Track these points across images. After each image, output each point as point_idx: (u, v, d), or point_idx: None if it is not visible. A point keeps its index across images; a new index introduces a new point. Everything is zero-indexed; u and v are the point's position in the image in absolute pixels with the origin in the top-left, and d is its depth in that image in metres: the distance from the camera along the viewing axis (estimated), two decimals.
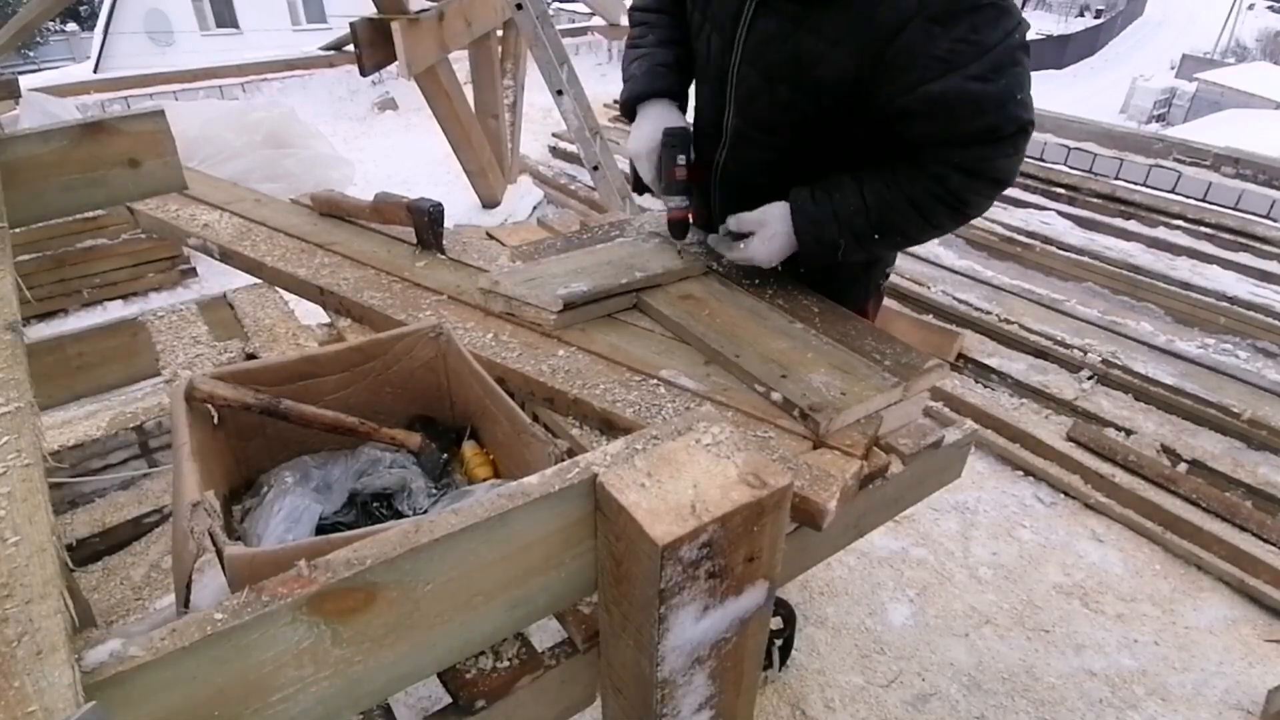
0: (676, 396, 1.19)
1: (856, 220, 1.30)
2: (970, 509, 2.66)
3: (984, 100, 1.16)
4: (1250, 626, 2.27)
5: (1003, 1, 1.14)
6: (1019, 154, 1.25)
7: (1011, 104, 1.18)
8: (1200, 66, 25.75)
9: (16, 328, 0.91)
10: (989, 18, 1.13)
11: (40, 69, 13.91)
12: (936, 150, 1.24)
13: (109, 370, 1.83)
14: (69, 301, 3.85)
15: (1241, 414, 2.81)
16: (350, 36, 4.12)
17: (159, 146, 1.47)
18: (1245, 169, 4.68)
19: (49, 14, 6.20)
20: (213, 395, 1.01)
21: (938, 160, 1.24)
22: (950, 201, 1.26)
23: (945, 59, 1.14)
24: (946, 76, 1.15)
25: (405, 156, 6.06)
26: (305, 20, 18.05)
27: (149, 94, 5.96)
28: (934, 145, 1.24)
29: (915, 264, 3.95)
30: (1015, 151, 1.24)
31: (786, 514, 0.83)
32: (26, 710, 0.52)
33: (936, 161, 1.24)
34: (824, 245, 1.34)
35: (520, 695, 0.92)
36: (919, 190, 1.26)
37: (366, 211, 1.68)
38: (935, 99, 1.17)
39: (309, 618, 0.67)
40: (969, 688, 2.05)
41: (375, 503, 1.10)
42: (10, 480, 0.70)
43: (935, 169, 1.25)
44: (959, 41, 1.13)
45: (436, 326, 1.18)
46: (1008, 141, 1.21)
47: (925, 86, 1.17)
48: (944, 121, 1.20)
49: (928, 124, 1.22)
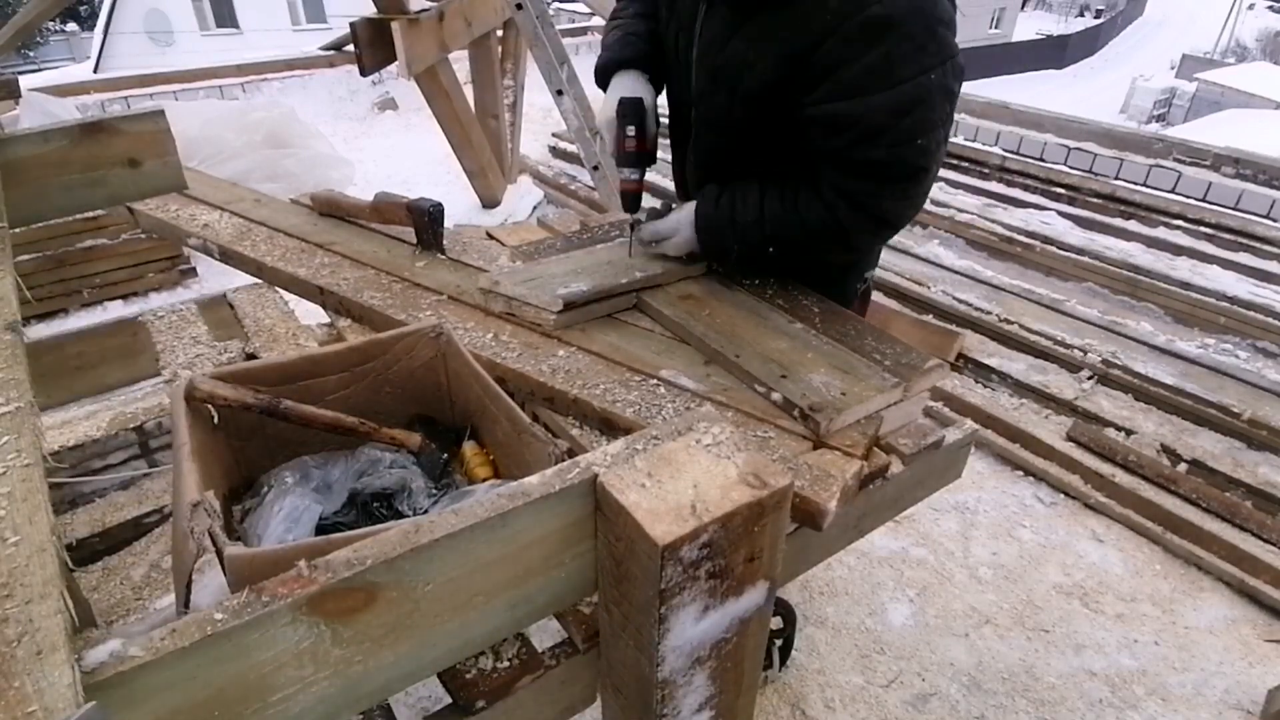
0: (676, 396, 1.18)
1: (751, 231, 1.32)
2: (970, 509, 2.66)
3: (878, 134, 1.14)
4: (1250, 626, 2.27)
5: (927, 37, 1.10)
6: (909, 200, 1.24)
7: (906, 146, 1.15)
8: (1200, 66, 25.77)
9: (16, 328, 0.91)
10: (907, 50, 1.09)
11: (40, 69, 13.91)
12: (832, 173, 1.24)
13: (109, 370, 1.83)
14: (69, 301, 3.85)
15: (1241, 414, 2.81)
16: (350, 36, 4.12)
17: (159, 146, 1.47)
18: (1245, 169, 4.68)
19: (49, 14, 6.20)
20: (213, 395, 1.01)
21: (832, 186, 1.24)
22: (836, 231, 1.27)
23: (851, 82, 1.13)
24: (849, 99, 1.14)
25: (405, 156, 6.06)
26: (305, 20, 18.05)
27: (149, 94, 5.96)
28: (830, 165, 1.23)
29: (915, 264, 3.95)
30: (905, 196, 1.23)
31: (787, 514, 0.83)
32: (26, 710, 0.52)
33: (830, 187, 1.24)
34: (719, 246, 1.39)
35: (520, 695, 0.92)
36: (811, 215, 1.27)
37: (366, 211, 1.68)
38: (833, 119, 1.17)
39: (309, 618, 0.67)
40: (969, 688, 2.05)
41: (375, 503, 1.10)
42: (10, 480, 0.70)
43: (828, 195, 1.25)
44: (868, 67, 1.11)
45: (436, 326, 1.18)
46: (897, 184, 1.20)
47: (830, 104, 1.16)
48: (840, 142, 1.19)
49: (825, 141, 1.21)
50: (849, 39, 1.10)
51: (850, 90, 1.13)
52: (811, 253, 1.36)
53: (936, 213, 4.50)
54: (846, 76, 1.13)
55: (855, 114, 1.14)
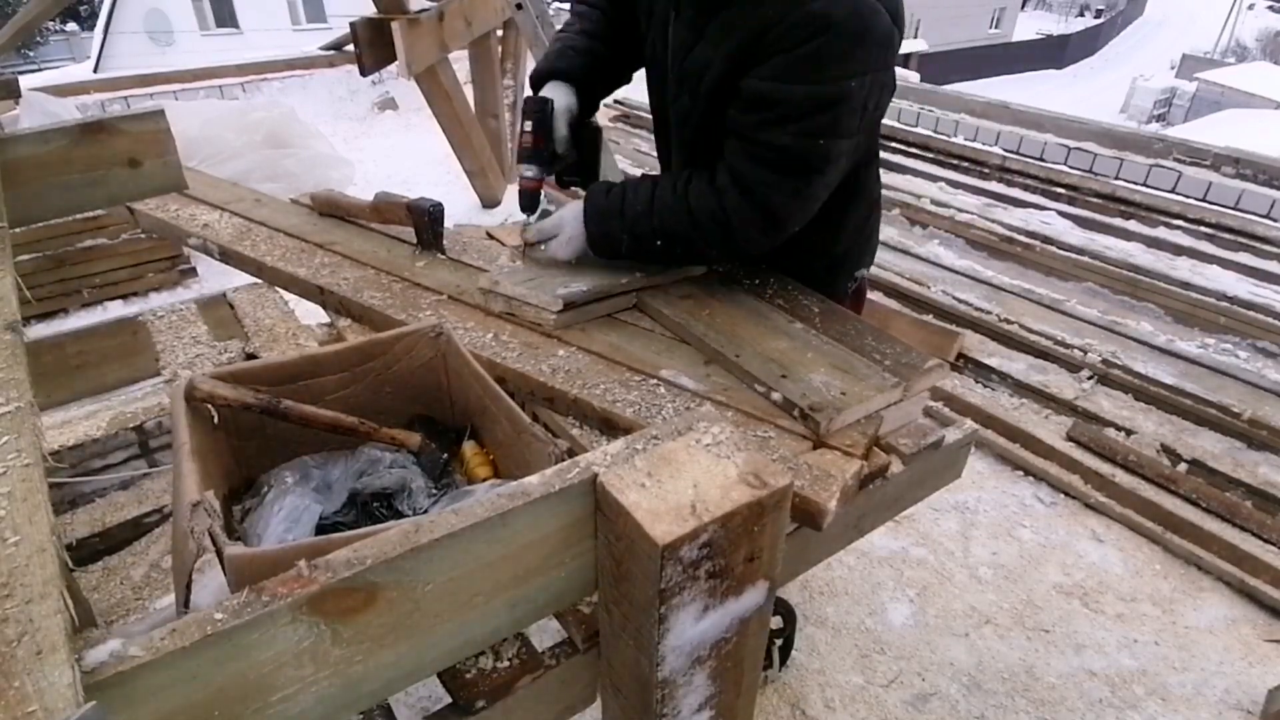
0: (676, 396, 1.19)
1: (640, 222, 1.32)
2: (970, 509, 2.66)
3: (789, 120, 1.17)
4: (1250, 626, 2.27)
5: (858, 46, 1.13)
6: (799, 199, 1.25)
7: (810, 140, 1.18)
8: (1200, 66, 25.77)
9: (16, 328, 0.91)
10: (836, 51, 1.13)
11: (40, 69, 13.92)
12: (733, 152, 1.25)
13: (109, 370, 1.83)
14: (69, 301, 3.85)
15: (1241, 414, 2.81)
16: (350, 36, 4.12)
17: (159, 146, 1.47)
18: (1245, 169, 4.68)
19: (49, 14, 6.20)
20: (213, 395, 1.01)
21: (728, 169, 1.25)
22: (720, 220, 1.27)
23: (781, 66, 1.15)
24: (774, 80, 1.16)
25: (405, 156, 6.06)
26: (305, 20, 18.06)
27: (149, 94, 5.96)
28: (734, 142, 1.24)
29: (915, 264, 3.95)
30: (795, 194, 1.24)
31: (787, 514, 0.83)
32: (26, 710, 0.52)
33: (726, 170, 1.25)
34: (608, 238, 1.37)
35: (520, 695, 0.92)
36: (700, 203, 1.27)
37: (366, 211, 1.68)
38: (753, 94, 1.19)
39: (309, 618, 0.67)
40: (969, 687, 2.05)
41: (375, 503, 1.10)
42: (10, 480, 0.70)
43: (722, 179, 1.26)
44: (800, 56, 1.13)
45: (436, 326, 1.18)
46: (790, 177, 1.22)
47: (754, 81, 1.19)
48: (751, 119, 1.21)
49: (739, 115, 1.23)
50: (789, 28, 1.14)
51: (778, 74, 1.16)
52: (697, 248, 1.35)
53: (937, 213, 4.50)
54: (779, 61, 1.16)
55: (775, 96, 1.17)
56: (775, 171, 1.22)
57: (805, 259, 1.49)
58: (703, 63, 1.27)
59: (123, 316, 1.77)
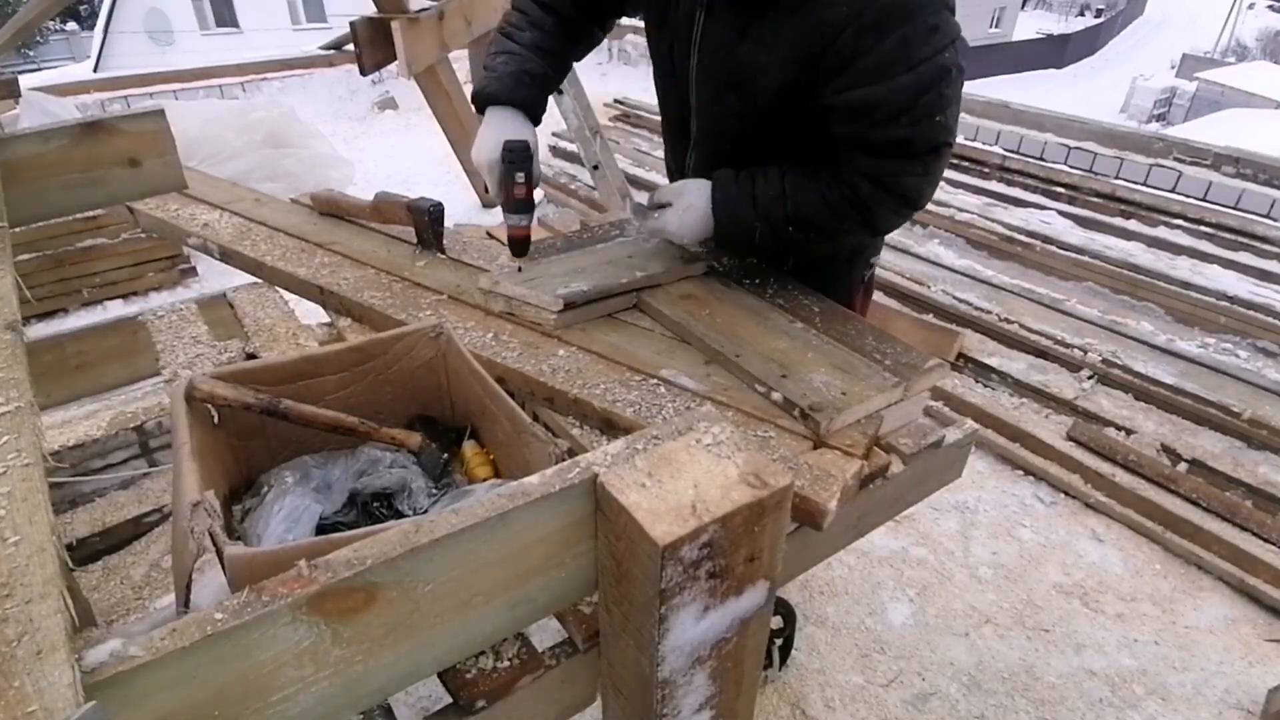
0: (677, 396, 1.18)
1: (774, 207, 1.32)
2: (970, 509, 2.66)
3: (901, 113, 1.17)
4: (1250, 626, 2.27)
5: (937, 19, 1.14)
6: (930, 175, 1.26)
7: (927, 122, 1.18)
8: (1200, 66, 25.78)
9: (16, 327, 0.91)
10: (921, 33, 1.13)
11: (40, 68, 13.93)
12: (853, 155, 1.26)
13: (109, 370, 1.83)
14: (69, 301, 3.85)
15: (1242, 413, 2.81)
16: (350, 36, 4.12)
17: (159, 146, 1.47)
18: (1245, 168, 4.68)
19: (49, 14, 6.20)
20: (213, 395, 1.01)
21: (854, 167, 1.26)
22: (860, 208, 1.28)
23: (873, 68, 1.15)
24: (871, 85, 1.16)
25: (405, 156, 6.06)
26: (305, 20, 18.07)
27: (149, 93, 5.97)
28: (851, 149, 1.25)
29: (915, 263, 3.95)
30: (926, 172, 1.25)
31: (787, 514, 0.82)
32: (26, 710, 0.52)
33: (852, 168, 1.26)
34: (739, 226, 1.36)
35: (520, 695, 0.92)
36: (835, 192, 1.28)
37: (366, 211, 1.68)
38: (856, 104, 1.19)
39: (309, 618, 0.67)
40: (969, 687, 2.05)
41: (375, 503, 1.10)
42: (10, 480, 0.70)
43: (850, 176, 1.27)
44: (888, 53, 1.14)
45: (436, 326, 1.18)
46: (919, 160, 1.23)
47: (850, 92, 1.18)
48: (862, 126, 1.21)
49: (847, 126, 1.23)
50: (865, 28, 1.13)
51: (873, 76, 1.16)
52: (834, 233, 1.35)
53: (937, 212, 4.50)
54: (866, 64, 1.15)
55: (878, 98, 1.17)
56: (903, 159, 1.23)
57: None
58: (753, 65, 1.26)
59: (123, 316, 1.77)
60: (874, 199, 1.27)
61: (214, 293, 1.81)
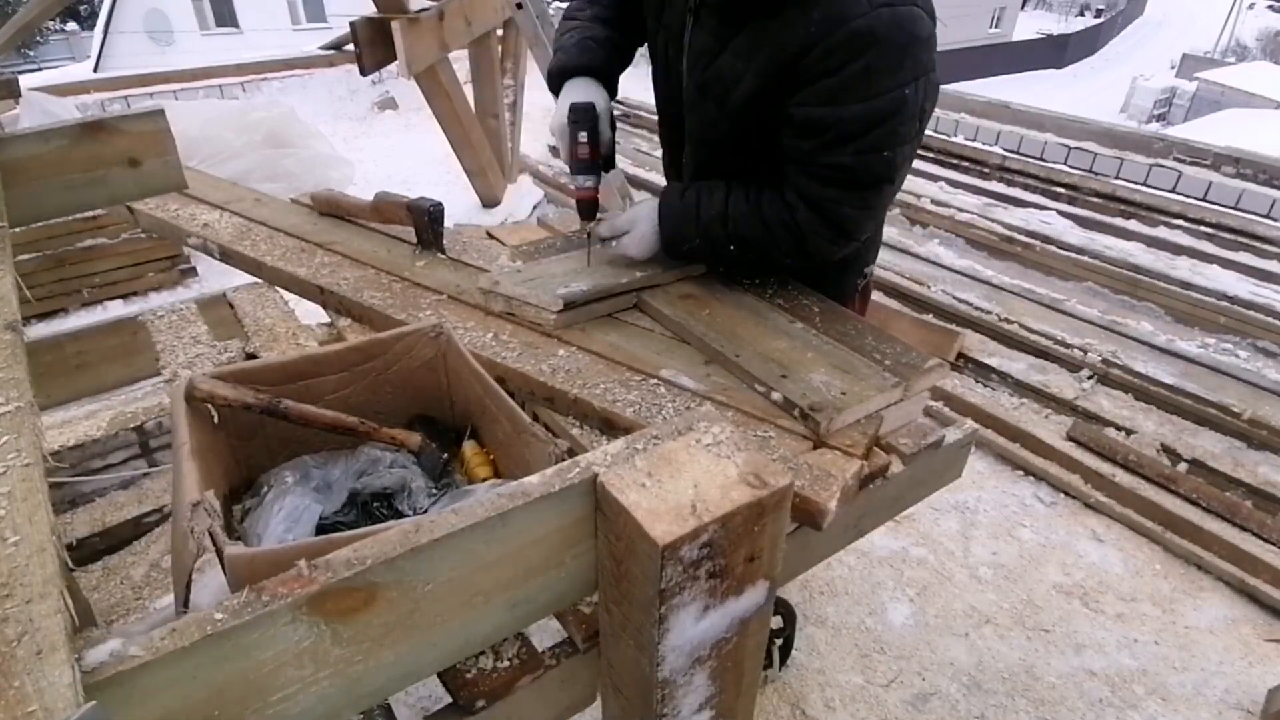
0: (677, 396, 1.18)
1: (714, 226, 1.33)
2: (970, 509, 2.66)
3: (849, 140, 1.16)
4: (1250, 626, 2.27)
5: (905, 54, 1.12)
6: (870, 210, 1.26)
7: (874, 155, 1.17)
8: (1200, 66, 25.77)
9: (16, 327, 0.91)
10: (887, 62, 1.11)
11: (40, 69, 13.91)
12: (797, 175, 1.25)
13: (109, 370, 1.84)
14: (69, 301, 3.85)
15: (1241, 413, 2.81)
16: (350, 36, 4.12)
17: (159, 146, 1.47)
18: (1245, 168, 4.68)
19: (49, 14, 6.20)
20: (213, 395, 1.01)
21: (794, 188, 1.26)
22: (794, 232, 1.28)
23: (831, 89, 1.15)
24: (825, 105, 1.16)
25: (405, 156, 6.06)
26: (305, 20, 18.06)
27: (149, 93, 5.97)
28: (797, 168, 1.25)
29: (915, 264, 3.95)
30: (865, 205, 1.25)
31: (787, 514, 0.82)
32: (26, 710, 0.52)
33: (793, 189, 1.26)
34: (684, 241, 1.38)
35: (520, 695, 0.92)
36: (772, 213, 1.28)
37: (366, 211, 1.68)
38: (807, 121, 1.19)
39: (309, 618, 0.67)
40: (969, 687, 2.05)
41: (375, 503, 1.10)
42: (10, 480, 0.70)
43: (790, 196, 1.26)
44: (848, 77, 1.13)
45: (436, 326, 1.18)
46: (858, 191, 1.22)
47: (805, 108, 1.18)
48: (808, 146, 1.21)
49: (796, 142, 1.23)
50: (832, 49, 1.12)
51: (829, 97, 1.15)
52: (770, 255, 1.35)
53: (937, 212, 4.50)
54: (827, 84, 1.15)
55: (829, 120, 1.16)
56: (842, 188, 1.22)
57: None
58: (730, 76, 1.26)
59: (123, 316, 1.78)
60: (809, 225, 1.26)
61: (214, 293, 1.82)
